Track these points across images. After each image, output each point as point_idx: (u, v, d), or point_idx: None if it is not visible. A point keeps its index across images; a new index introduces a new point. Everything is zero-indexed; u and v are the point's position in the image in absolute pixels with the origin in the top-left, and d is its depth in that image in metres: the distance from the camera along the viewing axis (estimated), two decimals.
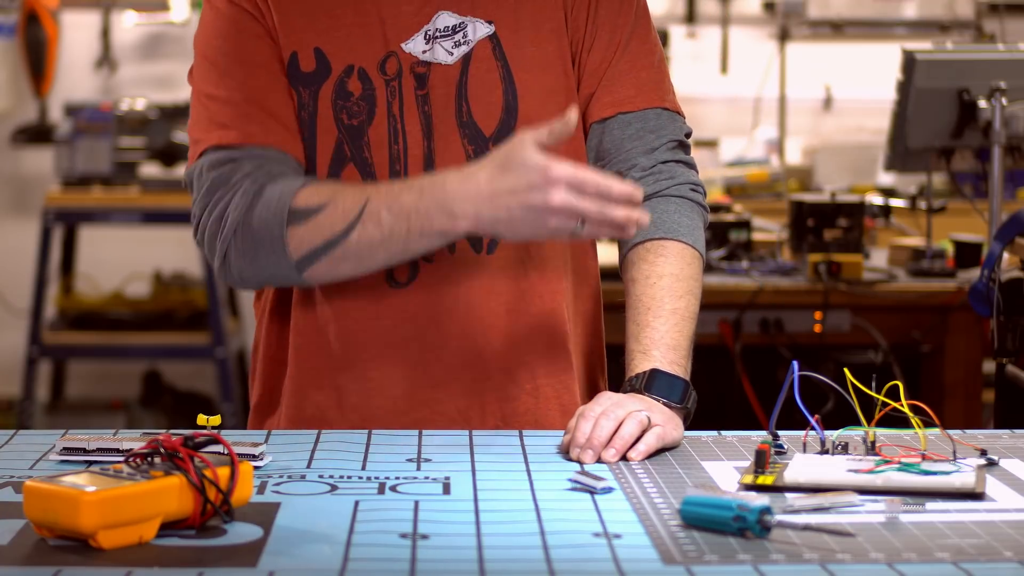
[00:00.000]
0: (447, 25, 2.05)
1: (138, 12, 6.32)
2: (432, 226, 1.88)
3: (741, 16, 6.51)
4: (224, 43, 2.04)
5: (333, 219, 1.93)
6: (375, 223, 1.91)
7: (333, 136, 2.04)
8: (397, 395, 2.05)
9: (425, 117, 2.04)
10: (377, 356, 2.05)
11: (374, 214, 1.91)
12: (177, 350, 5.67)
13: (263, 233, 1.96)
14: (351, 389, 2.06)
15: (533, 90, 2.06)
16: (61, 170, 5.61)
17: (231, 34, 2.04)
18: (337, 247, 1.93)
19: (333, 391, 2.07)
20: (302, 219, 1.94)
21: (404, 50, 2.04)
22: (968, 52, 3.99)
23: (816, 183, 5.82)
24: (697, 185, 2.12)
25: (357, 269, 1.97)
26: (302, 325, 2.08)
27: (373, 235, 1.91)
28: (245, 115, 2.01)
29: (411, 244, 1.91)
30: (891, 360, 3.86)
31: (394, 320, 2.04)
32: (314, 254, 1.95)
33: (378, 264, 1.96)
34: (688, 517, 1.53)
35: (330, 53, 2.04)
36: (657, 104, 2.11)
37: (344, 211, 1.93)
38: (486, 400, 2.07)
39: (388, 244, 1.91)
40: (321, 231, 1.94)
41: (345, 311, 2.05)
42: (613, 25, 2.10)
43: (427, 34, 2.04)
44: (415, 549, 1.46)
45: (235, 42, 2.04)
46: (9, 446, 1.90)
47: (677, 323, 1.99)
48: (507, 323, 2.06)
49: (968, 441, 1.86)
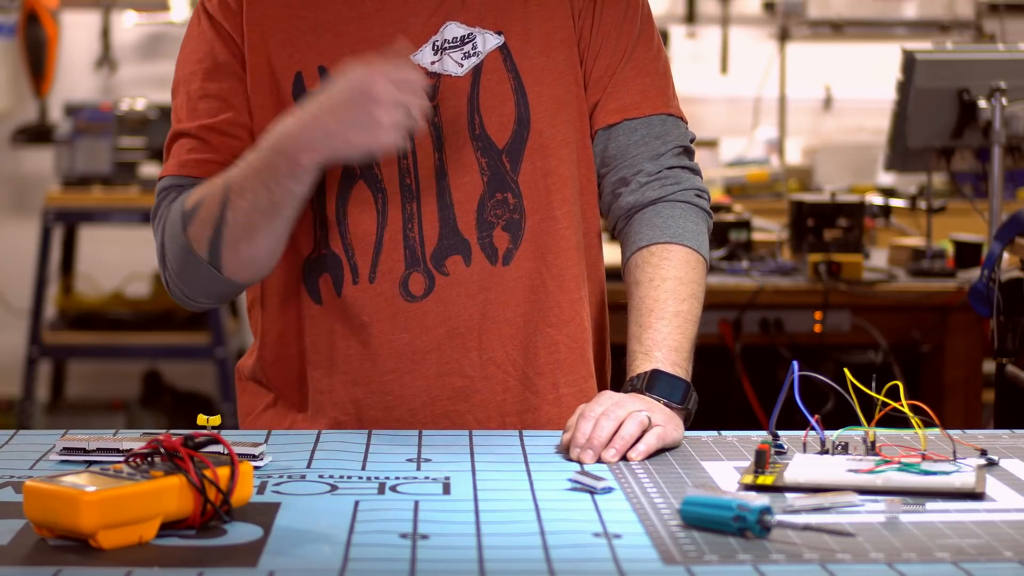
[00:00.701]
0: (455, 36, 2.04)
1: (138, 12, 6.33)
2: (280, 172, 1.91)
3: (741, 16, 6.52)
4: (197, 68, 2.07)
5: (211, 206, 1.96)
6: (238, 193, 1.94)
7: None
8: (416, 408, 2.05)
9: (435, 129, 2.03)
10: (395, 370, 2.05)
11: (236, 185, 1.94)
12: (177, 350, 5.67)
13: (175, 246, 2.01)
14: (369, 403, 2.06)
15: (545, 101, 2.06)
16: (61, 170, 5.62)
17: (206, 63, 2.07)
18: (223, 229, 1.96)
19: (351, 405, 2.06)
20: (191, 217, 1.98)
21: (412, 62, 2.03)
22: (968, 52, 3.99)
23: (816, 183, 5.82)
24: (702, 191, 2.13)
25: (255, 244, 1.97)
26: (316, 341, 2.07)
27: (242, 205, 1.94)
28: (190, 148, 2.05)
29: (275, 197, 1.93)
30: (891, 360, 3.86)
31: (411, 334, 2.04)
32: (212, 245, 1.97)
33: (267, 230, 1.96)
34: (688, 517, 1.53)
35: (334, 71, 2.03)
36: (662, 110, 2.11)
37: (215, 196, 1.96)
38: (506, 411, 2.07)
39: (258, 206, 1.93)
40: (205, 222, 1.97)
41: (361, 326, 2.04)
42: (619, 32, 2.10)
43: (435, 45, 2.04)
44: (415, 549, 1.46)
45: (204, 73, 2.06)
46: (9, 446, 1.90)
47: (680, 325, 1.99)
48: (526, 334, 2.06)
49: (968, 441, 1.86)
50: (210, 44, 2.07)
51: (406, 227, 2.03)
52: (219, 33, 2.07)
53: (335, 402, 2.07)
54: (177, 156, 2.06)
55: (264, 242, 1.98)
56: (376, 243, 2.03)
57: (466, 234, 2.04)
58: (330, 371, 2.07)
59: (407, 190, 2.03)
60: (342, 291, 2.05)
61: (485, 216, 2.04)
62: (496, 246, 2.04)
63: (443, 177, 2.03)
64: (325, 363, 2.07)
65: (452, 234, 2.03)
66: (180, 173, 2.05)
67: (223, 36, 2.06)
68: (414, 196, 2.03)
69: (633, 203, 2.09)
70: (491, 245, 2.04)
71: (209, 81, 2.06)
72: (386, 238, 2.03)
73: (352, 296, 2.04)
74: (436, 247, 2.03)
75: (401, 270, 2.03)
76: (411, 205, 2.03)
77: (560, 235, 2.07)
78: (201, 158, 2.04)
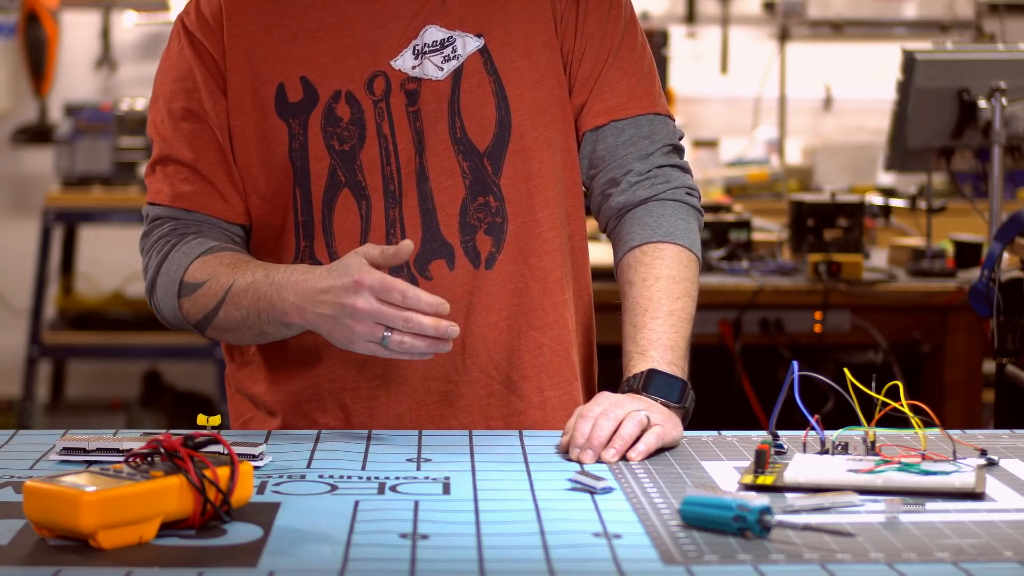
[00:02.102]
0: (435, 39, 2.04)
1: (138, 12, 6.32)
2: (274, 314, 1.96)
3: (741, 16, 6.51)
4: (177, 86, 2.07)
5: (207, 297, 2.02)
6: (235, 306, 1.99)
7: (326, 163, 2.04)
8: (402, 413, 2.05)
9: (417, 133, 2.03)
10: (381, 375, 2.05)
11: (235, 297, 1.99)
12: (177, 350, 5.67)
13: (164, 299, 2.06)
14: (356, 410, 2.06)
15: (526, 104, 2.06)
16: (61, 170, 5.62)
17: (187, 83, 2.07)
18: (212, 322, 2.03)
19: (339, 411, 2.06)
20: (189, 292, 2.03)
21: (393, 67, 2.03)
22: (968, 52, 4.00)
23: (816, 183, 5.82)
24: (692, 189, 2.13)
25: (239, 341, 2.07)
26: (300, 350, 2.07)
27: (235, 316, 2.00)
28: (183, 178, 2.07)
29: (265, 328, 2.00)
30: (891, 360, 3.86)
31: None
32: (201, 324, 2.04)
33: (254, 339, 2.05)
34: (688, 517, 1.53)
35: (316, 80, 2.04)
36: (649, 110, 2.11)
37: (215, 291, 2.01)
38: (491, 415, 2.07)
39: (248, 325, 2.00)
40: (199, 306, 2.03)
41: None
42: (603, 33, 2.09)
43: (415, 49, 2.04)
44: (415, 549, 1.46)
45: (186, 93, 2.07)
46: (9, 446, 1.90)
47: (674, 324, 1.99)
48: (510, 337, 2.06)
49: (968, 441, 1.86)
50: (189, 64, 2.07)
51: (389, 232, 2.03)
52: (198, 52, 2.07)
53: (323, 408, 2.07)
54: (171, 185, 2.08)
55: (250, 340, 2.06)
56: None
57: (449, 238, 2.04)
58: (315, 379, 2.07)
59: (390, 195, 2.03)
60: None
61: (468, 220, 2.04)
62: (479, 250, 2.04)
63: (425, 181, 2.03)
64: (309, 371, 2.07)
65: (435, 238, 2.03)
66: (175, 205, 2.08)
67: (203, 56, 2.06)
68: (397, 201, 2.03)
69: (624, 203, 2.09)
70: (474, 249, 2.04)
71: (191, 100, 2.06)
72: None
73: None
74: (419, 251, 2.03)
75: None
76: (393, 210, 2.03)
77: (543, 238, 2.07)
78: (195, 190, 2.07)
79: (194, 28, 2.07)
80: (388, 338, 1.86)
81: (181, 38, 2.08)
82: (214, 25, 2.06)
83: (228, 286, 1.99)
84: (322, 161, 2.04)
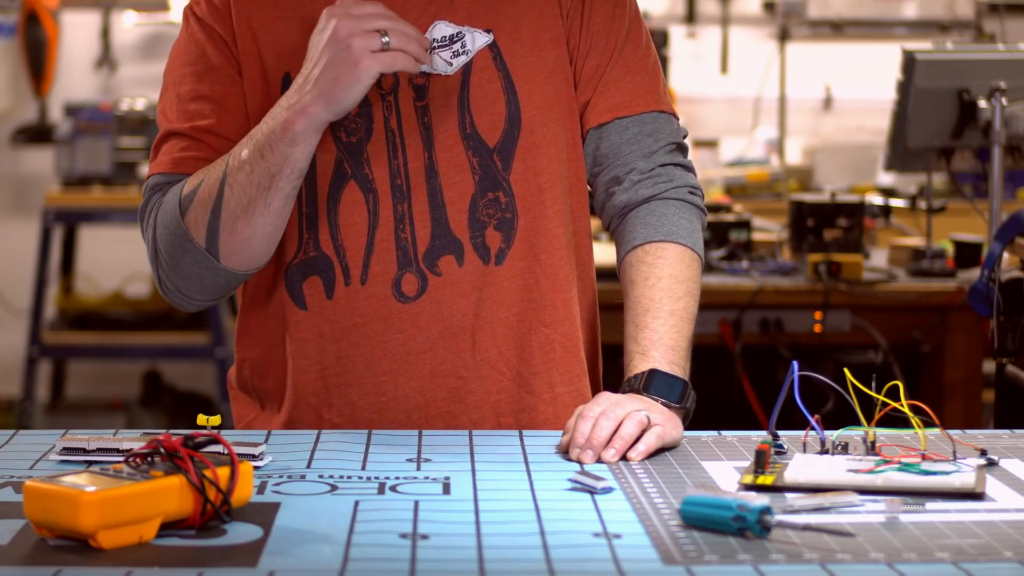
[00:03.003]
0: (444, 35, 2.04)
1: (138, 12, 6.33)
2: (275, 138, 1.92)
3: (741, 16, 6.52)
4: (187, 70, 2.07)
5: (209, 186, 1.96)
6: (236, 168, 1.94)
7: (333, 154, 2.03)
8: (411, 409, 2.05)
9: (425, 129, 2.03)
10: (389, 371, 2.04)
11: (234, 160, 1.95)
12: (177, 350, 5.67)
13: (170, 235, 1.99)
14: (363, 405, 2.05)
15: (535, 100, 2.06)
16: (61, 170, 5.62)
17: (197, 67, 2.06)
18: (221, 208, 1.95)
19: (346, 407, 2.06)
20: (189, 202, 1.98)
21: None
22: (968, 52, 3.99)
23: (816, 183, 5.82)
24: (695, 188, 2.13)
25: (253, 223, 1.96)
26: (304, 346, 2.06)
27: (239, 179, 1.94)
28: (183, 147, 2.04)
29: (271, 166, 1.93)
30: (891, 360, 3.86)
31: (405, 335, 2.04)
32: (210, 228, 1.97)
33: (264, 205, 1.95)
34: (688, 517, 1.53)
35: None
36: (653, 108, 2.11)
37: (214, 174, 1.96)
38: (502, 412, 2.06)
39: (254, 179, 1.94)
40: (204, 202, 1.96)
41: (354, 327, 2.04)
42: (608, 31, 2.09)
43: None
44: (415, 549, 1.46)
45: (195, 75, 2.06)
46: (9, 446, 1.90)
47: (676, 324, 1.99)
48: (520, 333, 2.06)
49: (968, 441, 1.86)
50: (201, 47, 2.06)
51: (398, 228, 2.03)
52: (210, 36, 2.06)
53: (329, 404, 2.06)
54: (169, 154, 2.05)
55: (261, 221, 1.96)
56: (367, 244, 2.03)
57: (458, 234, 2.03)
58: (321, 375, 2.06)
59: (398, 190, 2.03)
60: (333, 293, 2.04)
61: (477, 215, 2.04)
62: (488, 245, 2.04)
63: (434, 177, 2.03)
64: (315, 368, 2.06)
65: (444, 234, 2.03)
66: (173, 171, 2.04)
67: (214, 39, 2.06)
68: (405, 196, 2.03)
69: (627, 201, 2.09)
70: (484, 245, 2.04)
71: (201, 83, 2.05)
72: (377, 239, 2.03)
73: (344, 298, 2.04)
74: (428, 247, 2.03)
75: (393, 271, 2.03)
76: (402, 205, 2.03)
77: (552, 234, 2.07)
78: (194, 155, 2.03)
79: (204, 15, 2.07)
80: (388, 41, 1.88)
81: (191, 24, 2.08)
82: (223, 11, 2.06)
83: (224, 160, 1.96)
84: (328, 153, 2.03)
